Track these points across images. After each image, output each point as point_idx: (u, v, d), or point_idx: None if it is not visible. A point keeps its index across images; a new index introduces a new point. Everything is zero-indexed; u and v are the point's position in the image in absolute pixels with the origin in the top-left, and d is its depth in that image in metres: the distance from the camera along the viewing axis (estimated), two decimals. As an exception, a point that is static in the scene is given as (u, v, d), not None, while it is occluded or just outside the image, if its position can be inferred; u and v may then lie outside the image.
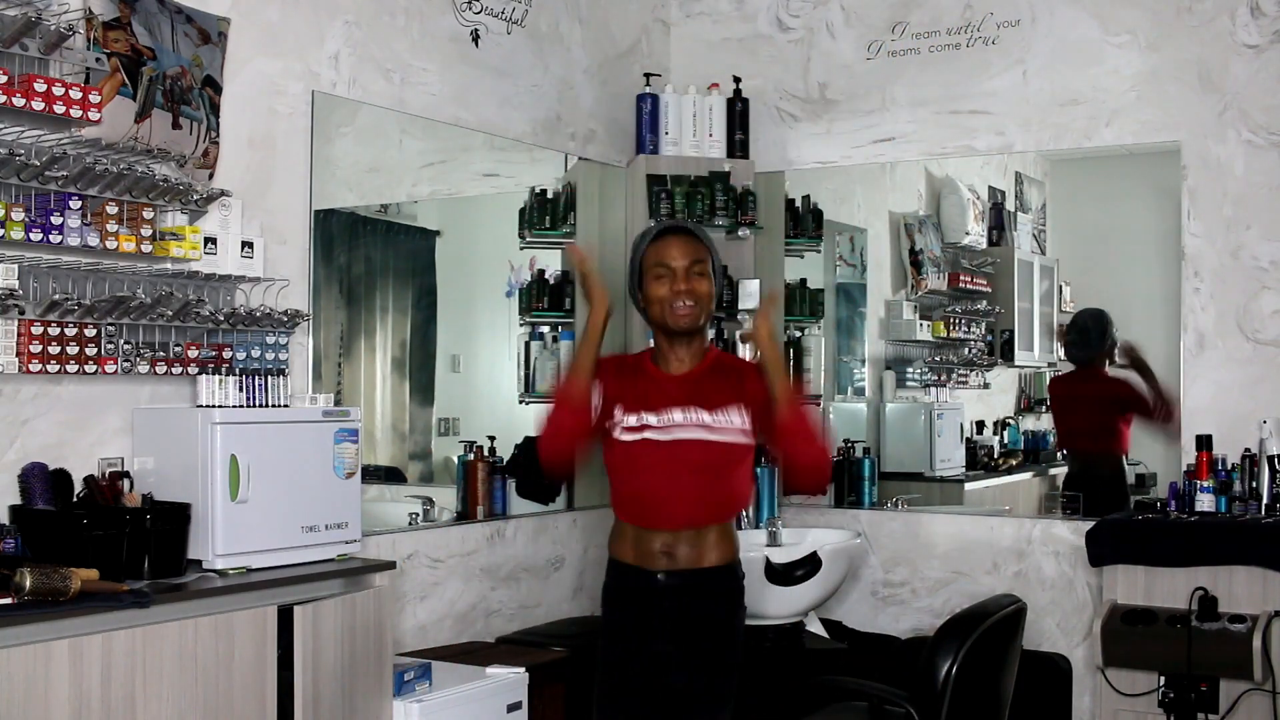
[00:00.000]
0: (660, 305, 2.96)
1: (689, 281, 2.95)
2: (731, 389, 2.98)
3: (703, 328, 3.01)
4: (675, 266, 2.95)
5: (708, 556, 2.96)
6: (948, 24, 4.77)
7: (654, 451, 2.93)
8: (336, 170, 3.93)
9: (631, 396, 2.97)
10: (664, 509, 2.95)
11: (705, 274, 2.97)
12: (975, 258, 5.49)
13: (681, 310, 2.94)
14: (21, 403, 3.03)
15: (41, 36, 2.93)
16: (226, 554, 3.05)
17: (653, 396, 2.96)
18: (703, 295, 2.96)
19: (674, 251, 2.97)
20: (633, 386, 2.99)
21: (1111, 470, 4.73)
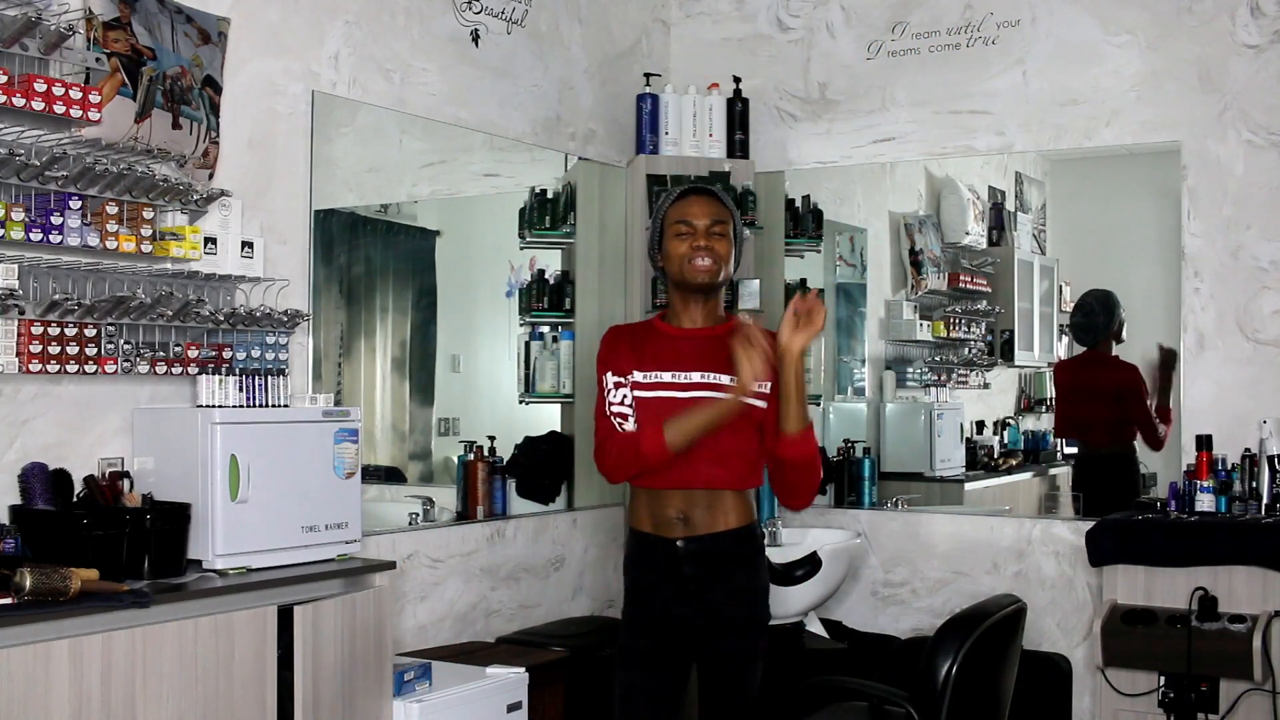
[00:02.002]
0: (679, 261, 2.97)
1: (709, 239, 2.97)
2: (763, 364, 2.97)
3: (719, 287, 3.01)
4: (696, 224, 2.98)
5: (725, 521, 2.96)
6: (948, 24, 4.77)
7: (670, 409, 2.91)
8: (336, 170, 3.93)
9: (646, 356, 2.98)
10: (679, 468, 2.91)
11: (726, 235, 3.00)
12: (975, 258, 5.49)
13: (700, 265, 2.96)
14: (21, 403, 3.03)
15: (41, 36, 2.93)
16: (226, 554, 3.05)
17: (667, 354, 2.97)
18: (722, 254, 2.98)
19: (696, 210, 3.00)
20: (645, 347, 3.00)
21: (1122, 458, 4.69)
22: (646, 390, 2.95)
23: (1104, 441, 4.72)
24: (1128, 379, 4.58)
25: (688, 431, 2.89)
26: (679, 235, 2.98)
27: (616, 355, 3.02)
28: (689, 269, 2.97)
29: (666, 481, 2.95)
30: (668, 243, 3.01)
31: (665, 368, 2.96)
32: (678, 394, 2.93)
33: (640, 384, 2.95)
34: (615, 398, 3.00)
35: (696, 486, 2.94)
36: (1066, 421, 5.04)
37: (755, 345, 2.84)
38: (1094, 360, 4.79)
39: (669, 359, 2.96)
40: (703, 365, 2.95)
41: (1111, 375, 4.65)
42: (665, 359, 2.97)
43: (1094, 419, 4.84)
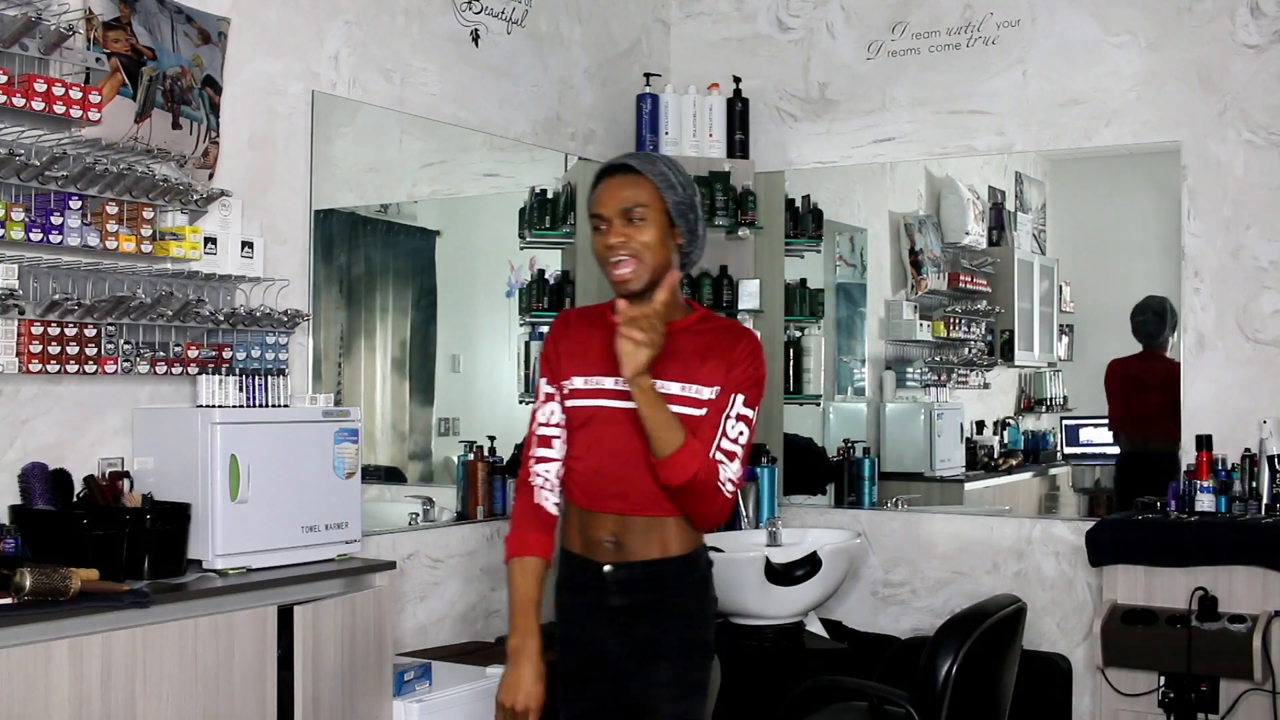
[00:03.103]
0: (601, 263, 2.53)
1: (626, 230, 2.47)
2: (713, 368, 2.54)
3: (654, 285, 2.50)
4: (607, 215, 2.49)
5: (663, 547, 2.55)
6: (948, 24, 4.77)
7: (607, 420, 2.52)
8: (336, 170, 3.93)
9: (586, 355, 2.57)
10: (612, 489, 2.53)
11: (650, 220, 2.48)
12: (975, 258, 5.49)
13: (618, 276, 2.49)
14: (21, 403, 3.03)
15: (41, 36, 2.93)
16: (226, 554, 3.05)
17: (608, 356, 2.49)
18: (643, 246, 2.48)
19: (604, 196, 2.51)
20: (588, 343, 2.58)
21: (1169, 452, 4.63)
22: (586, 398, 2.56)
23: (1157, 433, 4.65)
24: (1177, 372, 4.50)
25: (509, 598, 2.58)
26: (595, 230, 2.53)
27: (555, 354, 2.62)
28: (610, 278, 2.52)
29: (600, 503, 2.56)
30: (592, 233, 2.56)
31: (608, 371, 2.52)
32: (615, 403, 2.52)
33: (580, 391, 2.57)
34: (543, 414, 2.62)
35: (633, 512, 2.54)
36: (1122, 415, 4.92)
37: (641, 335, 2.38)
38: (1153, 359, 4.70)
39: (613, 362, 2.47)
40: (650, 369, 2.46)
41: (1163, 369, 4.56)
42: (608, 361, 2.50)
43: (1149, 413, 4.78)
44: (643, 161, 2.54)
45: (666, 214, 2.52)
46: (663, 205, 2.51)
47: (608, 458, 2.53)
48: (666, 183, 2.52)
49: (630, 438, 2.49)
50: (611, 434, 2.52)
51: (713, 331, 2.60)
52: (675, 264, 2.56)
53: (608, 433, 2.53)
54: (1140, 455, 4.76)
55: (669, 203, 2.52)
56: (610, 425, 2.53)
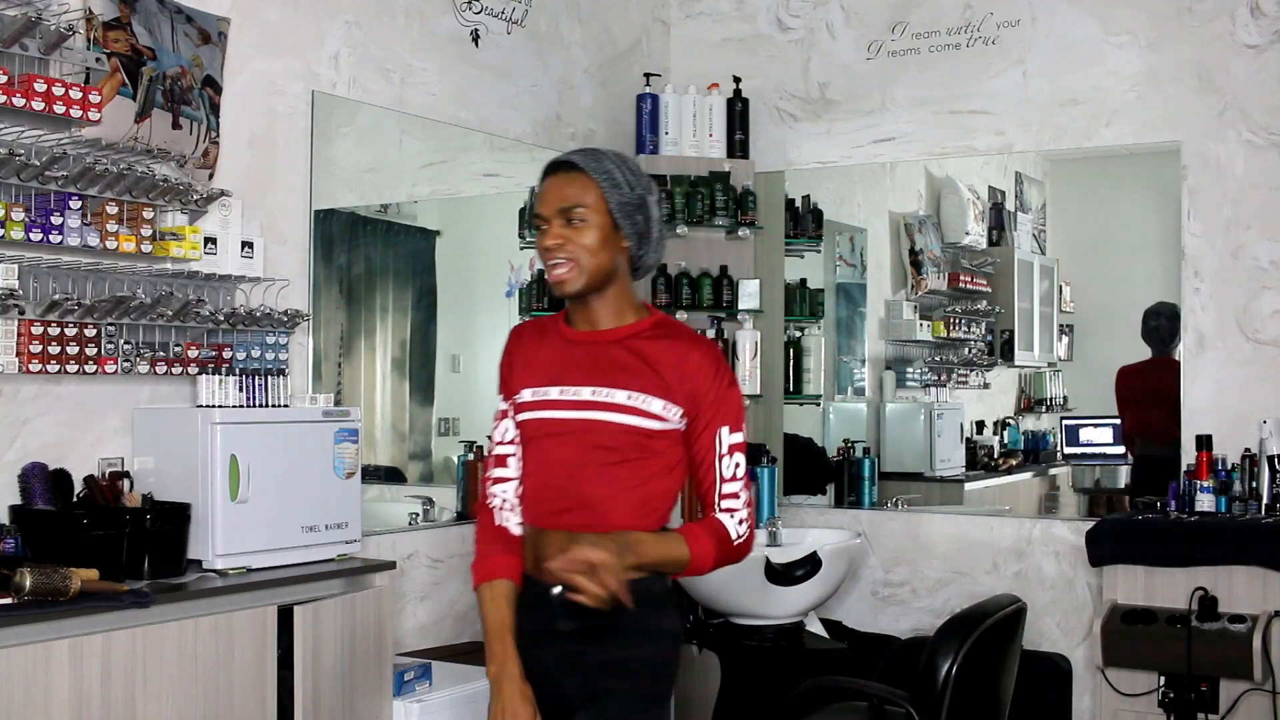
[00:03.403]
0: (542, 265, 2.42)
1: (565, 232, 2.34)
2: (663, 381, 2.36)
3: (604, 284, 2.39)
4: (546, 216, 2.36)
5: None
6: (948, 24, 4.77)
7: (552, 434, 2.38)
8: (336, 170, 3.93)
9: (534, 366, 2.44)
10: (559, 503, 2.37)
11: (590, 222, 2.34)
12: (975, 258, 5.49)
13: (554, 278, 2.37)
14: (21, 403, 3.03)
15: (41, 36, 2.93)
16: (226, 554, 3.05)
17: (555, 365, 2.41)
18: (582, 249, 2.34)
19: (545, 197, 2.38)
20: (537, 354, 2.46)
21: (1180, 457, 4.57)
22: (533, 410, 2.41)
23: (1168, 439, 4.63)
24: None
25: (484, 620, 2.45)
26: (538, 228, 2.40)
27: (509, 367, 2.50)
28: (548, 279, 2.41)
29: (547, 520, 2.40)
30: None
31: (555, 381, 2.40)
32: (562, 414, 2.37)
33: (528, 404, 2.42)
34: (497, 432, 2.50)
35: (581, 529, 2.34)
36: (1135, 423, 4.87)
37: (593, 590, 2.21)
38: (1163, 367, 4.67)
39: (559, 370, 2.40)
40: (595, 378, 2.36)
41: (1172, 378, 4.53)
42: (554, 370, 2.41)
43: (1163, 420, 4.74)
44: (587, 158, 2.37)
45: (610, 215, 2.35)
46: (606, 206, 2.35)
47: (555, 471, 2.38)
48: (611, 181, 2.35)
49: (577, 449, 2.35)
50: (558, 446, 2.37)
51: (665, 341, 2.40)
52: (623, 269, 2.41)
53: (554, 445, 2.37)
54: (1155, 460, 4.72)
55: (612, 203, 2.35)
56: (556, 437, 2.37)
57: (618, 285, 2.40)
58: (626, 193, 2.36)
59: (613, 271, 2.38)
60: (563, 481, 2.37)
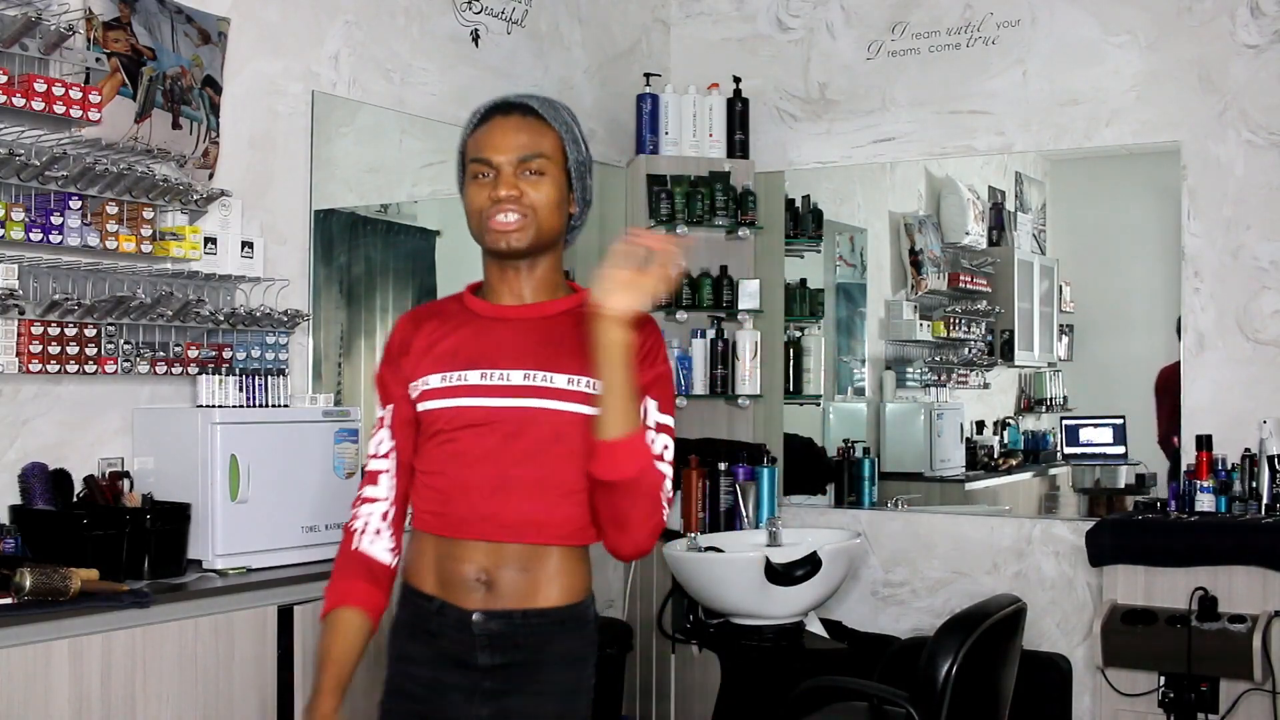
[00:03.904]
0: (477, 216, 2.05)
1: (519, 183, 2.02)
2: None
3: (546, 250, 2.07)
4: (498, 162, 2.03)
5: (547, 593, 2.01)
6: (948, 24, 4.77)
7: (472, 425, 2.00)
8: (336, 170, 3.93)
9: (446, 349, 2.07)
10: (481, 509, 1.99)
11: (548, 174, 2.03)
12: (975, 258, 5.49)
13: (500, 225, 2.01)
14: (21, 403, 3.03)
15: (41, 36, 2.93)
16: (226, 554, 3.05)
17: (471, 346, 2.05)
18: (539, 204, 2.02)
19: (498, 139, 2.05)
20: (448, 337, 2.08)
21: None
22: (445, 398, 2.02)
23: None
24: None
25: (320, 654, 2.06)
26: (476, 179, 2.06)
27: (402, 357, 2.10)
28: (487, 231, 2.04)
29: (465, 528, 2.01)
30: (465, 185, 2.09)
31: (473, 363, 2.02)
32: (482, 401, 2.00)
33: (437, 390, 2.03)
34: (372, 444, 2.11)
35: (509, 539, 1.99)
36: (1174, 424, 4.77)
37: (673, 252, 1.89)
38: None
39: (478, 351, 2.04)
40: (526, 360, 2.01)
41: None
42: (473, 351, 2.04)
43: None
44: (545, 105, 2.09)
45: (567, 172, 2.06)
46: (564, 160, 2.06)
47: (475, 469, 1.99)
48: (571, 136, 2.07)
49: (504, 442, 1.98)
50: (480, 439, 1.99)
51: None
52: (561, 237, 2.10)
53: (474, 438, 1.99)
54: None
55: (571, 159, 2.07)
56: (478, 429, 1.99)
57: (555, 255, 2.09)
58: (582, 152, 2.09)
59: (558, 237, 2.07)
60: (486, 482, 1.99)
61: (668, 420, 2.03)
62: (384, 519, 2.08)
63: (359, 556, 2.07)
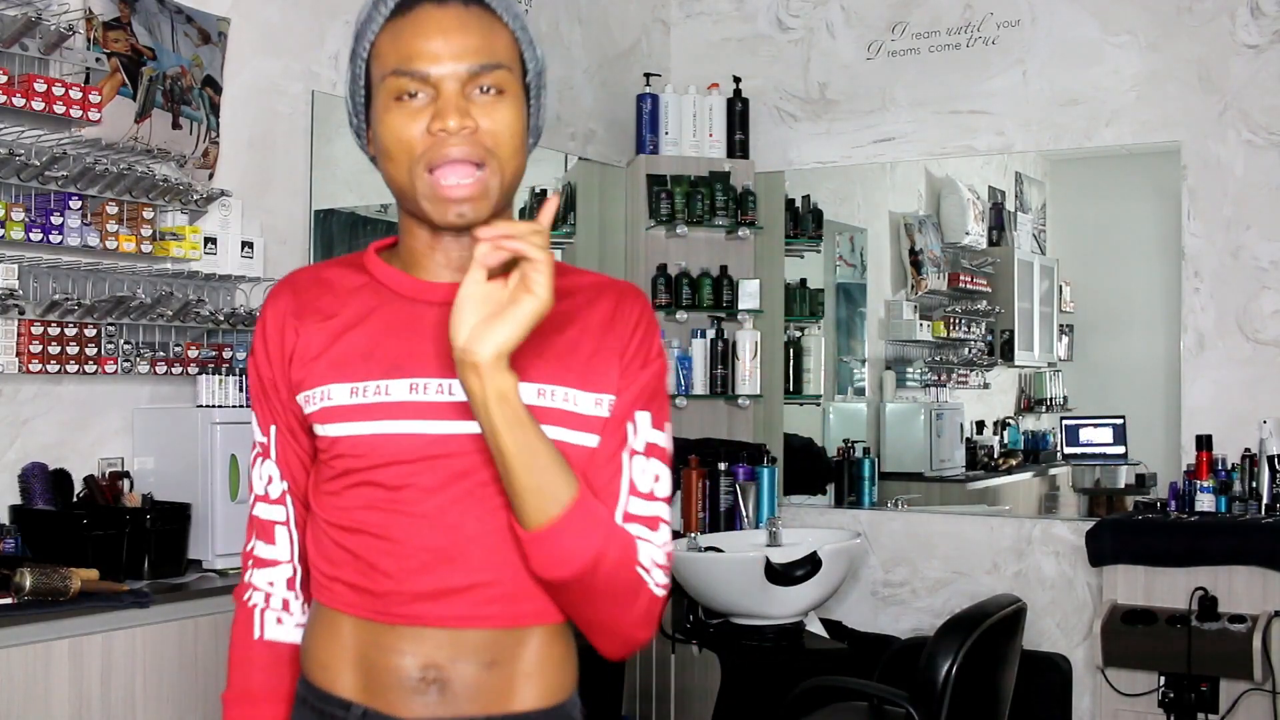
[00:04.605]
0: (406, 163, 1.37)
1: (469, 110, 1.34)
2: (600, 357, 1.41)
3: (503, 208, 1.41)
4: (438, 77, 1.34)
5: (522, 690, 1.39)
6: (948, 24, 4.77)
7: (402, 462, 1.37)
8: (337, 170, 3.93)
9: (351, 347, 1.41)
10: (425, 581, 1.37)
11: (506, 91, 1.36)
12: (975, 258, 5.49)
13: (454, 190, 1.34)
14: (21, 403, 3.03)
15: (41, 36, 2.93)
16: (227, 554, 3.05)
17: (391, 341, 1.40)
18: (501, 140, 1.35)
19: (436, 41, 1.35)
20: (346, 329, 1.42)
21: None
22: (357, 420, 1.38)
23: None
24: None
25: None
26: (400, 100, 1.36)
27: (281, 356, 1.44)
28: (430, 191, 1.36)
29: (402, 609, 1.38)
30: (379, 112, 1.40)
31: (397, 368, 1.38)
32: (428, 427, 1.36)
33: (344, 410, 1.38)
34: (257, 482, 1.49)
35: (469, 624, 1.37)
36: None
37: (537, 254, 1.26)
38: None
39: (404, 351, 1.39)
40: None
41: None
42: (395, 351, 1.39)
43: None
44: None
45: (526, 90, 1.42)
46: (523, 72, 1.41)
47: (413, 526, 1.37)
48: (527, 35, 1.42)
49: (452, 482, 1.36)
50: (415, 483, 1.36)
51: (586, 293, 1.45)
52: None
53: (407, 481, 1.36)
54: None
55: (530, 69, 1.42)
56: (411, 466, 1.36)
57: (508, 209, 1.45)
58: (539, 55, 1.44)
59: (516, 185, 1.42)
60: (433, 544, 1.36)
61: (662, 439, 1.42)
62: (289, 587, 1.49)
63: (266, 651, 1.50)
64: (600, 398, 1.40)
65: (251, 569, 1.52)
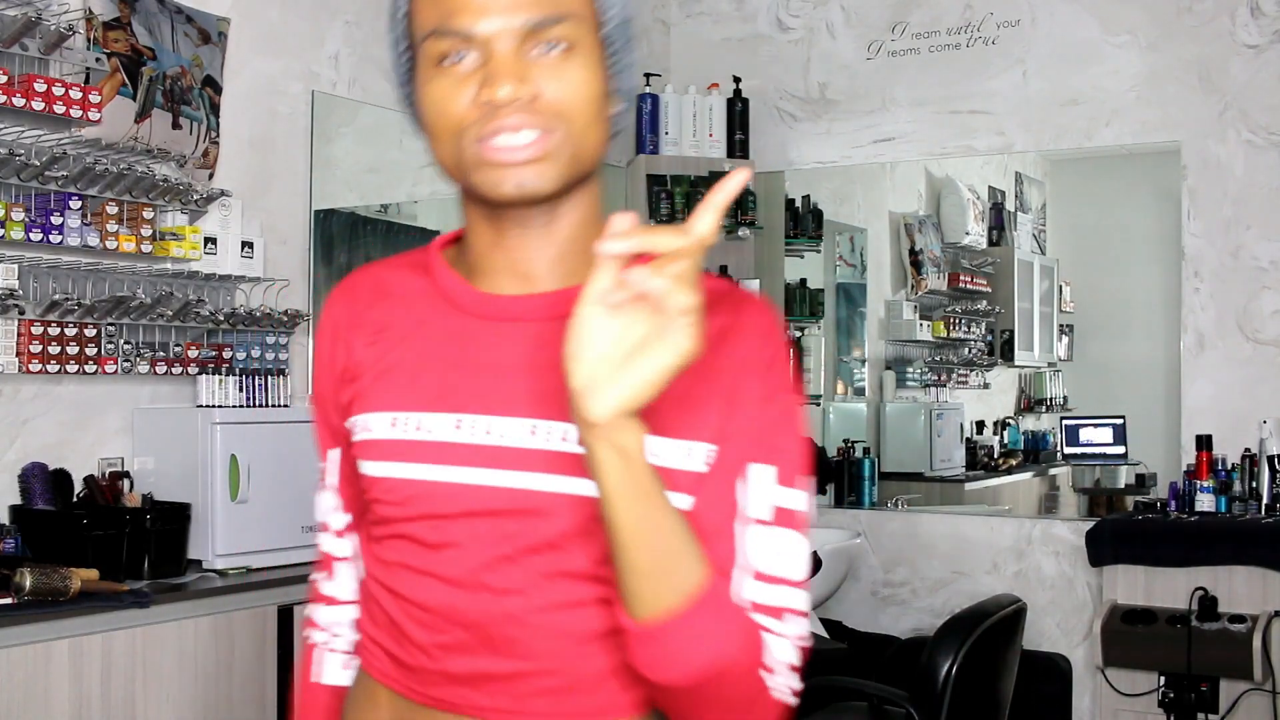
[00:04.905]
0: (454, 136, 1.12)
1: (528, 70, 1.08)
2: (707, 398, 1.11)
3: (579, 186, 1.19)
4: (485, 34, 1.07)
5: None
6: (948, 24, 4.77)
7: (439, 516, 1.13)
8: (337, 170, 3.93)
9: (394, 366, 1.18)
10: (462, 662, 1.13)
11: (575, 45, 1.10)
12: (975, 258, 5.49)
13: (506, 150, 1.08)
14: (21, 403, 3.03)
15: (41, 36, 2.93)
16: (227, 554, 3.05)
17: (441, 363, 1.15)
18: (570, 104, 1.10)
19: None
20: (398, 342, 1.19)
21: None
22: (391, 460, 1.14)
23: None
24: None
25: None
26: (441, 65, 1.10)
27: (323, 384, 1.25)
28: (479, 158, 1.10)
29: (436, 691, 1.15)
30: (419, 82, 1.15)
31: (442, 400, 1.14)
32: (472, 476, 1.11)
33: (381, 446, 1.15)
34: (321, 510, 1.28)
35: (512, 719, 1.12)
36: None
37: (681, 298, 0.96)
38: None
39: (455, 377, 1.14)
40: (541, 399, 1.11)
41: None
42: (444, 376, 1.15)
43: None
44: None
45: (604, 43, 1.13)
46: (598, 24, 1.12)
47: (448, 592, 1.12)
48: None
49: (499, 544, 1.11)
50: (458, 538, 1.12)
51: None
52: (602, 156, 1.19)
53: (450, 537, 1.12)
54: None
55: (611, 19, 1.14)
56: (454, 521, 1.12)
57: (591, 193, 1.21)
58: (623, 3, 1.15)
59: (598, 161, 1.18)
60: (472, 619, 1.12)
61: (794, 500, 1.10)
62: (355, 628, 1.26)
63: (326, 695, 1.29)
64: (691, 446, 1.09)
65: (317, 608, 1.31)
